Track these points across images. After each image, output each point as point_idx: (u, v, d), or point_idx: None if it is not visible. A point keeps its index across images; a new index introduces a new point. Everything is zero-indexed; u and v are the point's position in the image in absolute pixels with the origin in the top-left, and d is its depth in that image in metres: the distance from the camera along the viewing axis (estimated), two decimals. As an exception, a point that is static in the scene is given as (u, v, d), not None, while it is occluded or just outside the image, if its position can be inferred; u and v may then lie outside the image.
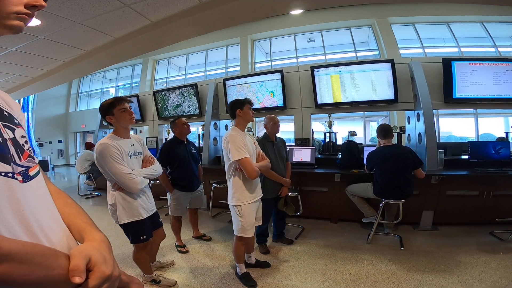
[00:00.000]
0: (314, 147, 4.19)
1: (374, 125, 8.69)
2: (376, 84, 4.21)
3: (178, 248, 2.99)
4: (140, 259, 2.11)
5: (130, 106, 1.94)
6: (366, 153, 3.32)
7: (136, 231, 1.95)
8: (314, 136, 5.29)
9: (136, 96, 6.29)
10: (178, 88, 5.64)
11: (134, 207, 1.92)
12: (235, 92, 5.03)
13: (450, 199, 3.51)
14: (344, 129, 6.29)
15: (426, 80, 3.88)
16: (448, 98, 3.95)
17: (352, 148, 3.79)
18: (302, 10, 9.00)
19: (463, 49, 8.68)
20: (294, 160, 4.09)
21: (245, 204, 2.14)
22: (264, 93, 4.86)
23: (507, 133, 4.33)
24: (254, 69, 10.27)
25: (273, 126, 2.80)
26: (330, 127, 4.60)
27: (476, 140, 7.25)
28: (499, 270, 2.45)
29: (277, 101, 4.75)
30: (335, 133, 4.75)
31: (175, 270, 2.59)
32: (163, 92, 5.79)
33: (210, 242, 3.24)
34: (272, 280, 2.38)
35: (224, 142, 2.15)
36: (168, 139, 4.56)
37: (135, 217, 1.92)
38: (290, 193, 3.07)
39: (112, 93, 12.24)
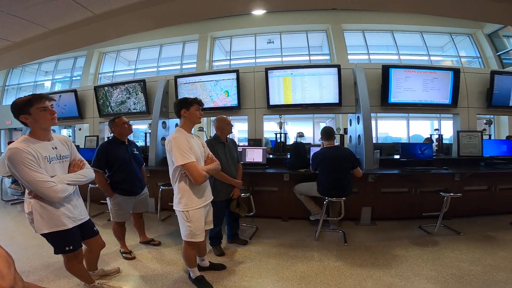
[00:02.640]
0: (265, 148, 4.23)
1: (322, 126, 9.20)
2: (323, 87, 4.41)
3: (124, 255, 2.80)
4: (72, 269, 1.96)
5: (52, 104, 1.70)
6: (312, 154, 3.44)
7: (60, 241, 1.79)
8: (265, 136, 5.36)
9: (74, 91, 5.65)
10: (123, 83, 5.22)
11: (56, 216, 1.72)
12: (187, 91, 4.84)
13: (385, 195, 3.83)
14: (297, 129, 6.50)
15: (367, 85, 4.16)
16: (384, 103, 4.32)
17: (299, 148, 3.91)
18: (262, 11, 9.13)
19: (402, 57, 9.64)
20: (246, 161, 4.09)
21: (193, 209, 2.02)
22: (219, 92, 4.76)
23: (431, 135, 4.90)
24: (212, 68, 10.06)
25: (226, 127, 2.74)
26: (281, 128, 4.69)
27: (408, 141, 8.14)
28: (429, 262, 2.67)
29: (232, 101, 4.69)
30: (285, 134, 4.86)
31: (122, 278, 2.43)
32: (106, 88, 5.30)
33: (160, 247, 3.08)
34: (228, 282, 2.35)
35: (167, 145, 1.99)
36: (106, 140, 4.17)
37: (57, 227, 1.73)
38: (242, 194, 3.05)
39: (47, 86, 10.88)
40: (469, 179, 3.82)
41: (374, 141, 4.21)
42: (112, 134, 2.81)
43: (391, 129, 9.97)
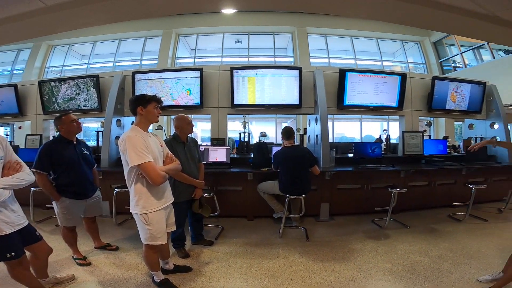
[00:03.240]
0: (229, 147, 4.22)
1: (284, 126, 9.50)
2: (285, 89, 4.52)
3: (77, 261, 2.63)
4: (19, 277, 1.84)
5: None
6: (273, 153, 3.52)
7: (0, 248, 1.68)
8: (229, 136, 5.35)
9: (14, 85, 5.05)
10: (73, 78, 4.79)
11: None
12: (145, 87, 4.61)
13: (340, 192, 4.06)
14: (260, 129, 6.59)
15: (325, 88, 4.35)
16: (340, 105, 4.57)
17: (262, 148, 3.98)
18: (232, 10, 9.09)
19: (358, 62, 10.33)
20: (209, 160, 4.05)
21: (152, 212, 1.93)
22: (180, 90, 4.62)
23: (380, 136, 5.32)
24: (175, 65, 9.77)
25: (186, 127, 2.66)
26: (245, 127, 4.71)
27: (360, 141, 8.75)
28: (383, 255, 2.84)
29: (194, 99, 4.58)
30: (249, 133, 4.90)
31: (78, 285, 2.30)
32: (53, 83, 4.81)
33: (118, 252, 2.90)
34: (196, 284, 2.30)
35: (121, 144, 1.87)
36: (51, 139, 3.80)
37: None
38: (205, 194, 3.00)
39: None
40: (412, 175, 4.23)
41: (330, 141, 4.44)
42: (58, 133, 2.58)
43: (346, 129, 10.64)
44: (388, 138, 5.10)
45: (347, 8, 2.83)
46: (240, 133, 4.75)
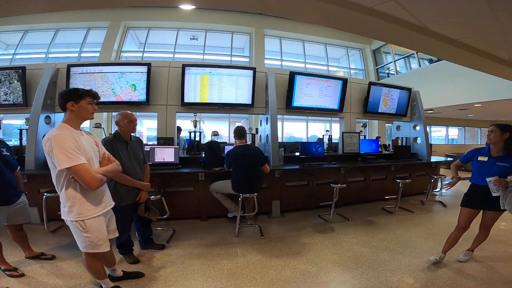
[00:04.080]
0: (177, 147, 4.09)
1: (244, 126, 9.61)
2: (239, 88, 4.55)
3: (7, 273, 2.36)
4: None
5: None
6: (226, 152, 3.53)
7: None
8: (181, 135, 5.18)
9: None
10: (-10, 68, 4.11)
11: None
12: (82, 82, 4.18)
13: (289, 189, 4.26)
14: (213, 128, 6.54)
15: (276, 89, 4.51)
16: (289, 106, 4.79)
17: (214, 147, 3.95)
18: (190, 6, 8.73)
19: (307, 65, 10.94)
20: (156, 161, 3.86)
21: (89, 219, 1.74)
22: (124, 85, 4.29)
23: (323, 136, 5.74)
24: (120, 58, 9.09)
25: (127, 125, 2.46)
26: (195, 126, 4.62)
27: (306, 141, 9.34)
28: (330, 248, 3.02)
29: (139, 95, 4.30)
30: (200, 132, 4.81)
31: None
32: (-37, 72, 4.06)
33: (56, 261, 2.62)
34: None
35: (46, 144, 1.63)
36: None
37: None
38: (152, 197, 2.85)
39: None
40: (351, 172, 4.65)
41: (280, 141, 4.63)
42: None
43: (294, 130, 11.22)
44: (330, 138, 5.54)
45: (300, 13, 2.96)
46: (190, 132, 4.63)
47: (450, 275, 2.42)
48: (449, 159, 7.87)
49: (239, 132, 3.43)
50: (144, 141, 2.65)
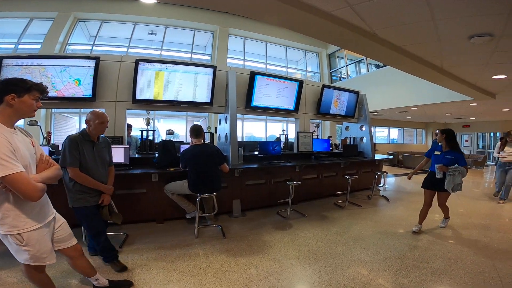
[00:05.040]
0: (127, 146, 3.84)
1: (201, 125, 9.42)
2: (197, 86, 4.44)
3: None
4: None
5: None
6: (181, 151, 3.41)
7: None
8: (132, 134, 4.89)
9: None
10: None
11: None
12: (16, 75, 3.63)
13: (249, 187, 4.34)
14: (170, 127, 6.31)
15: (237, 89, 4.52)
16: (248, 106, 4.86)
17: (168, 146, 3.80)
18: (151, 0, 8.26)
19: (268, 66, 11.20)
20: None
21: (28, 231, 1.51)
22: (66, 80, 3.89)
23: (280, 135, 5.97)
24: (65, 51, 8.29)
25: (98, 126, 2.31)
26: (148, 124, 4.40)
27: (265, 140, 9.62)
28: (290, 244, 3.11)
29: (84, 91, 3.93)
30: (153, 131, 4.60)
31: None
32: None
33: None
34: None
35: None
36: None
37: None
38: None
39: None
40: (305, 169, 4.91)
41: (240, 140, 4.67)
42: None
43: (254, 129, 11.43)
44: (286, 137, 5.79)
45: (263, 13, 3.02)
46: (142, 131, 4.38)
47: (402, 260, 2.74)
48: (390, 156, 8.80)
49: (195, 131, 3.35)
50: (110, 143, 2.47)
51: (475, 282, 2.26)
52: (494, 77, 4.96)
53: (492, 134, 15.07)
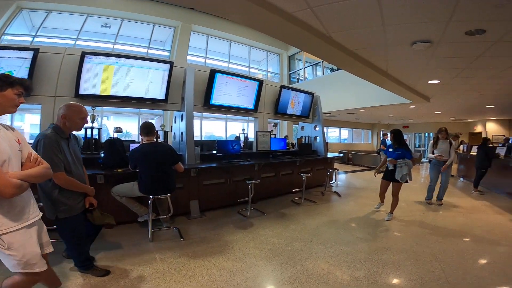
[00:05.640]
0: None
1: (153, 123, 8.94)
2: (151, 82, 4.21)
3: None
4: None
5: None
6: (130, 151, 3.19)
7: None
8: (75, 132, 4.42)
9: None
10: None
11: None
12: None
13: (207, 187, 4.24)
14: (121, 125, 5.85)
15: (195, 86, 4.39)
16: (207, 104, 4.76)
17: (116, 146, 3.51)
18: None
19: (231, 65, 11.12)
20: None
21: (9, 233, 1.39)
22: (-5, 71, 3.36)
23: (239, 134, 5.98)
24: (0, 41, 7.33)
25: (79, 122, 2.10)
26: (93, 121, 4.01)
27: (225, 139, 9.56)
28: (251, 242, 3.11)
29: (17, 84, 3.43)
30: (100, 129, 4.21)
31: None
32: None
33: None
34: None
35: None
36: None
37: None
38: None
39: None
40: (263, 168, 4.99)
41: (198, 139, 4.53)
42: None
43: (215, 128, 11.31)
44: (245, 136, 5.81)
45: (226, 10, 2.98)
46: (86, 129, 3.96)
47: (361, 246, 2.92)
48: (341, 154, 9.48)
49: (146, 128, 3.12)
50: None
51: (421, 272, 2.43)
52: (430, 81, 5.62)
53: (426, 134, 17.17)
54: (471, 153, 6.76)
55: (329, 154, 6.92)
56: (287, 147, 6.25)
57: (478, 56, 3.86)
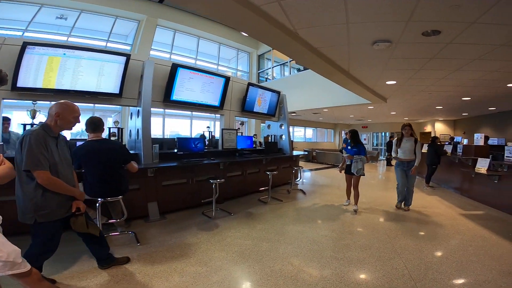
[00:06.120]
0: (1, 144, 2.97)
1: (110, 120, 8.26)
2: (103, 75, 3.89)
3: None
4: None
5: None
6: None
7: None
8: (11, 129, 3.87)
9: None
10: None
11: None
12: None
13: (167, 188, 3.98)
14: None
15: (155, 81, 4.12)
16: (167, 99, 4.49)
17: (61, 144, 3.10)
18: None
19: (198, 62, 10.72)
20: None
21: None
22: None
23: (203, 132, 5.77)
24: None
25: (73, 121, 2.03)
26: (34, 117, 3.53)
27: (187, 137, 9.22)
28: (217, 244, 2.97)
29: None
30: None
31: None
32: None
33: None
34: None
35: None
36: None
37: None
38: None
39: None
40: (229, 167, 4.86)
41: (161, 137, 4.23)
42: None
43: (180, 127, 10.87)
44: (210, 134, 5.61)
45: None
46: (25, 125, 3.47)
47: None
48: (305, 152, 9.74)
49: (92, 124, 2.80)
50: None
51: (386, 269, 2.44)
52: (387, 82, 5.94)
53: (383, 134, 18.41)
54: (422, 151, 7.28)
55: (294, 152, 7.00)
56: (254, 146, 6.16)
57: (432, 57, 4.13)
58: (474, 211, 4.46)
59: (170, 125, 10.14)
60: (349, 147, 4.51)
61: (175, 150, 4.39)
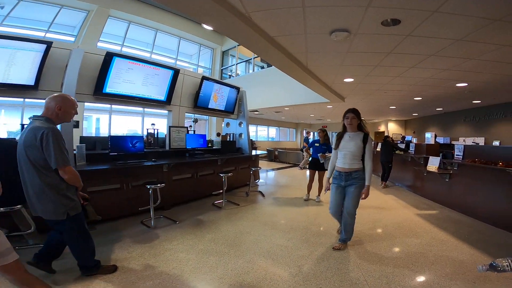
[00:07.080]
0: None
1: (31, 115, 7.11)
2: (14, 65, 3.30)
3: None
4: None
5: None
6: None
7: None
8: None
9: None
10: None
11: None
12: None
13: (95, 194, 3.34)
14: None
15: (85, 71, 3.59)
16: (98, 92, 3.84)
17: None
18: None
19: (154, 56, 9.84)
20: None
21: None
22: None
23: (148, 130, 5.13)
24: None
25: (74, 113, 2.07)
26: None
27: (126, 135, 8.43)
28: (151, 260, 2.56)
29: None
30: None
31: None
32: None
33: None
34: None
35: None
36: None
37: None
38: None
39: None
40: (176, 169, 4.32)
41: (96, 136, 3.57)
42: None
43: (132, 125, 9.96)
44: (155, 132, 4.97)
45: None
46: None
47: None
48: (265, 152, 9.45)
49: None
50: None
51: (345, 285, 2.19)
52: (345, 80, 5.83)
53: (342, 133, 19.21)
54: (377, 149, 7.45)
55: (254, 152, 6.67)
56: (208, 145, 5.67)
57: (389, 52, 4.03)
58: (429, 211, 4.45)
59: (128, 124, 9.23)
60: (316, 144, 4.94)
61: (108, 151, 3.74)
